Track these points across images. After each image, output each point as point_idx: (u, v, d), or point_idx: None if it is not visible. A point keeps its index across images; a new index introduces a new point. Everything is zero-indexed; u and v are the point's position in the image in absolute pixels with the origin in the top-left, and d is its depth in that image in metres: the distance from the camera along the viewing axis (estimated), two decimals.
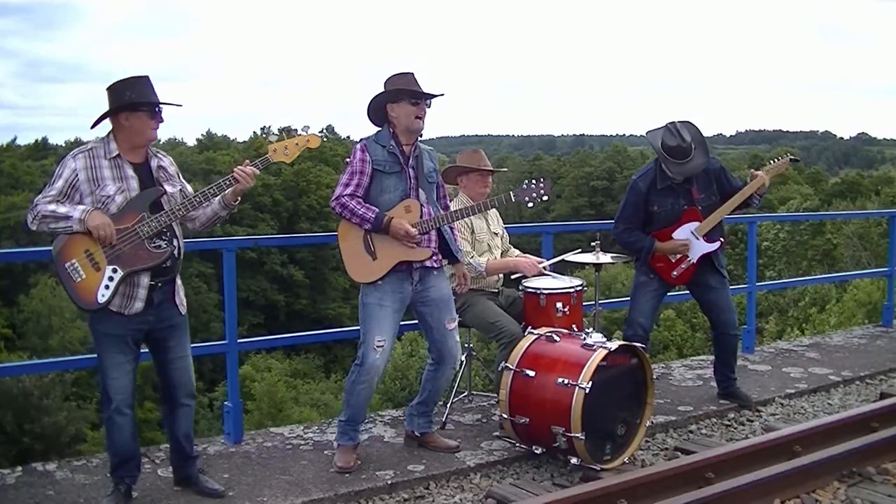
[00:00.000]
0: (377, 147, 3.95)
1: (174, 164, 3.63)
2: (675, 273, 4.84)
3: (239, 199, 3.60)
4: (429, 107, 4.01)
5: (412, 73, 4.02)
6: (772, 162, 4.90)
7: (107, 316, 3.35)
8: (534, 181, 4.05)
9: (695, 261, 4.79)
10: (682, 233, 4.76)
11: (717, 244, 4.77)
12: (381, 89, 3.99)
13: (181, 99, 3.47)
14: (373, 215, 3.84)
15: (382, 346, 3.95)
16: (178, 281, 3.59)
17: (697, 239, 4.75)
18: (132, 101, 3.35)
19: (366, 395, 4.03)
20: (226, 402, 4.50)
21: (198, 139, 56.32)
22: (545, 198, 4.04)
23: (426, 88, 3.98)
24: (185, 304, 3.62)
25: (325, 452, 4.21)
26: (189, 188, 3.58)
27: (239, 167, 3.48)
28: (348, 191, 3.89)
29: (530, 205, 4.04)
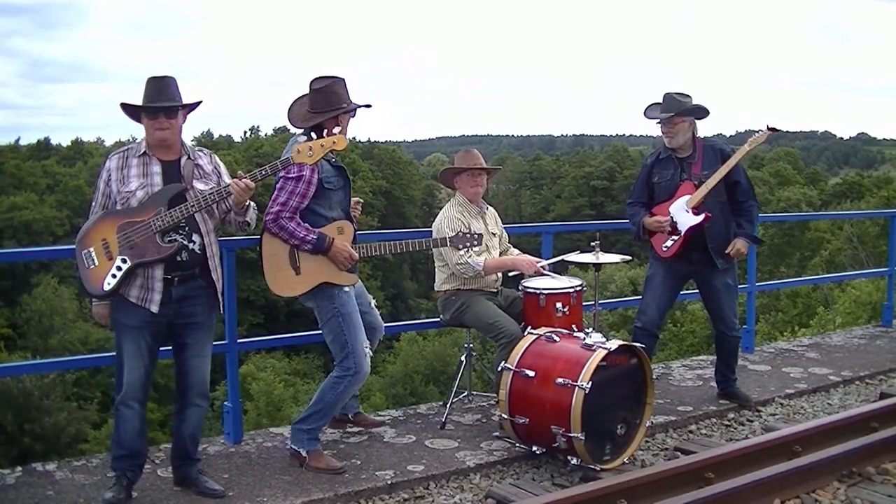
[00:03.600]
0: (323, 162, 3.80)
1: (214, 163, 3.67)
2: (665, 246, 4.83)
3: (249, 206, 3.62)
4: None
5: (343, 81, 3.95)
6: (754, 135, 4.90)
7: (126, 307, 3.43)
8: (468, 233, 4.22)
9: (682, 233, 4.73)
10: (677, 206, 4.75)
11: (702, 217, 4.69)
12: (325, 99, 3.88)
13: (184, 99, 3.50)
14: (314, 237, 3.78)
15: (369, 348, 4.03)
16: (217, 278, 3.60)
17: (687, 212, 4.73)
18: (135, 104, 3.46)
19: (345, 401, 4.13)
20: (226, 403, 4.50)
21: (197, 138, 56.36)
22: (476, 247, 4.28)
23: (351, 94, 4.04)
24: (218, 305, 3.66)
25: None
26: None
27: (234, 180, 3.47)
28: (287, 213, 3.77)
29: (462, 252, 4.36)
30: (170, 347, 3.68)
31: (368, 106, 4.03)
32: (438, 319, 4.92)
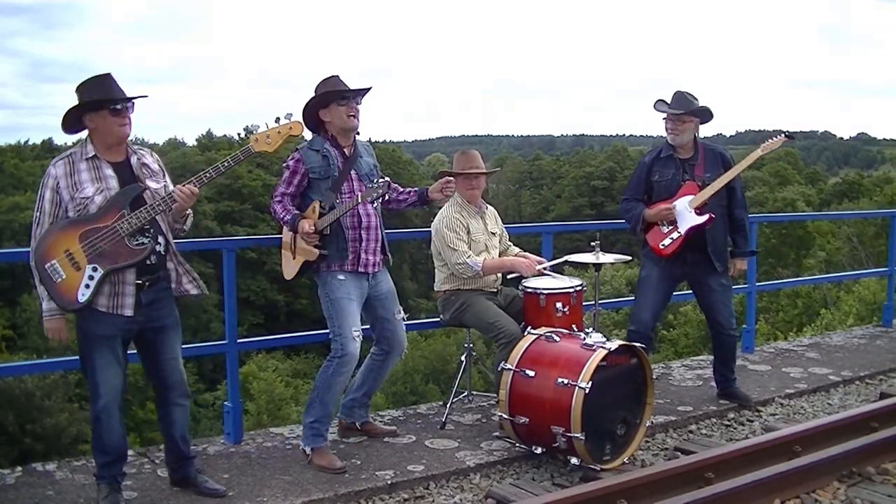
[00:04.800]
0: (311, 153, 4.04)
1: (159, 161, 3.58)
2: (663, 244, 4.81)
3: (188, 214, 3.53)
4: (359, 104, 4.08)
5: (337, 76, 4.09)
6: (769, 140, 4.87)
7: (96, 317, 3.31)
8: (379, 184, 3.99)
9: (683, 232, 4.74)
10: (678, 205, 4.75)
11: (706, 217, 4.70)
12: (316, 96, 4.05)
13: (184, 99, 3.49)
14: (288, 217, 4.02)
15: (359, 335, 4.03)
16: (186, 266, 3.56)
17: (689, 212, 4.72)
18: (92, 99, 3.29)
19: (341, 389, 4.11)
20: (226, 403, 4.50)
21: (198, 139, 56.40)
22: (382, 194, 3.98)
23: (354, 85, 4.06)
24: (199, 284, 3.61)
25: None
26: (171, 186, 3.51)
27: (179, 186, 3.36)
28: (277, 198, 4.10)
29: (374, 204, 4.08)
30: (133, 351, 3.58)
31: (349, 90, 4.00)
32: (438, 319, 4.92)
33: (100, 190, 3.30)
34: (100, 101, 3.30)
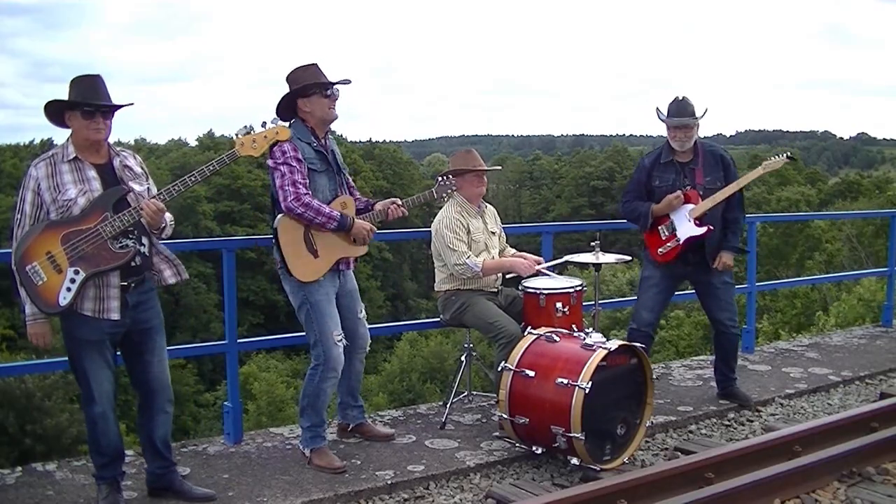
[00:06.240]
0: (304, 145, 3.89)
1: (142, 164, 3.53)
2: (661, 250, 4.83)
3: (163, 226, 3.43)
4: (338, 95, 3.98)
5: (316, 65, 3.96)
6: (771, 158, 4.91)
7: (82, 322, 3.27)
8: (445, 178, 4.30)
9: (682, 242, 4.76)
10: (679, 213, 4.76)
11: (705, 229, 4.71)
12: (295, 84, 3.92)
13: (185, 99, 3.44)
14: (339, 215, 3.85)
15: (341, 338, 3.96)
16: (167, 254, 3.51)
17: (689, 221, 4.74)
18: (71, 100, 3.26)
19: (331, 393, 4.06)
20: (225, 403, 4.50)
21: (199, 139, 56.40)
22: (454, 190, 4.38)
23: (331, 77, 3.97)
24: (178, 269, 3.55)
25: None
26: (154, 189, 3.48)
27: (145, 201, 3.29)
28: (304, 189, 3.79)
29: (445, 198, 4.43)
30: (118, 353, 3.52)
31: (332, 82, 3.94)
32: (438, 319, 4.92)
33: (83, 192, 3.24)
34: (73, 103, 3.26)
